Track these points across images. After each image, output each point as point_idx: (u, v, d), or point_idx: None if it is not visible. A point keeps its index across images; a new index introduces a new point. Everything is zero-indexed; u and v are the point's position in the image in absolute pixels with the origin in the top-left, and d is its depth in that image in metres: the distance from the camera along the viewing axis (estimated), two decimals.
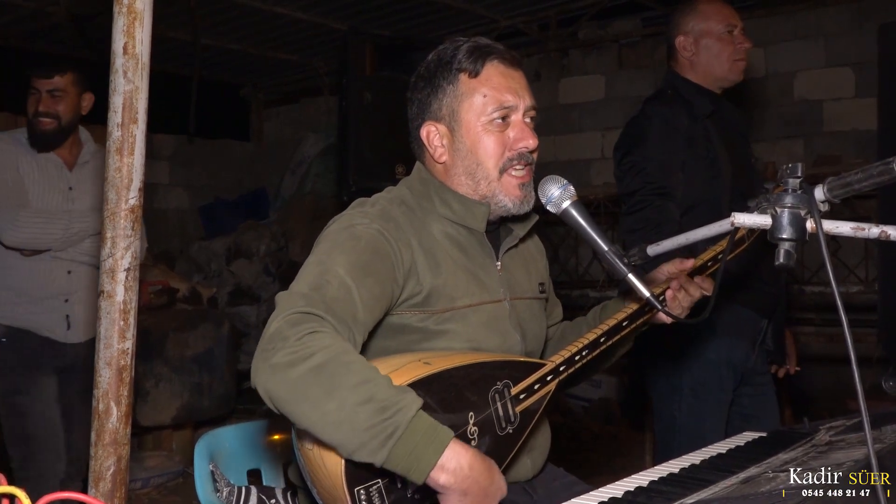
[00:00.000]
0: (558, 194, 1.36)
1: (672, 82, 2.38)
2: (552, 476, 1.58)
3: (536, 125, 1.49)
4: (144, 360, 4.24)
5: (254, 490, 1.53)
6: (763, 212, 1.23)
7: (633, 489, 1.23)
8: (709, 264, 1.65)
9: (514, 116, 1.45)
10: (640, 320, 1.54)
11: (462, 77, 1.45)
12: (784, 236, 1.18)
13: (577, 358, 1.43)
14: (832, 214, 1.26)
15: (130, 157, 1.55)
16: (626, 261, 1.37)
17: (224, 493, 1.50)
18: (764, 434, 1.62)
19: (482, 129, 1.44)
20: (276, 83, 7.51)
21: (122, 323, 1.56)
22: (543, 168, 1.47)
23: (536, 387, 1.37)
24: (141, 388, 4.22)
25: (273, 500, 1.53)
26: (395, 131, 1.62)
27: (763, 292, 2.32)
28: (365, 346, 1.33)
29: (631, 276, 1.35)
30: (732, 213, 1.25)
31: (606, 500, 1.19)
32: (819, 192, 1.24)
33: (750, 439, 1.57)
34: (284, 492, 1.55)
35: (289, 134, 7.53)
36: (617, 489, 1.24)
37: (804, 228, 1.18)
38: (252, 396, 5.43)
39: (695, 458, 1.43)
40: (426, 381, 1.23)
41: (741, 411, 2.35)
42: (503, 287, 1.51)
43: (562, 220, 1.37)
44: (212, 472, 1.52)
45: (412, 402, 1.15)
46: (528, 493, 1.50)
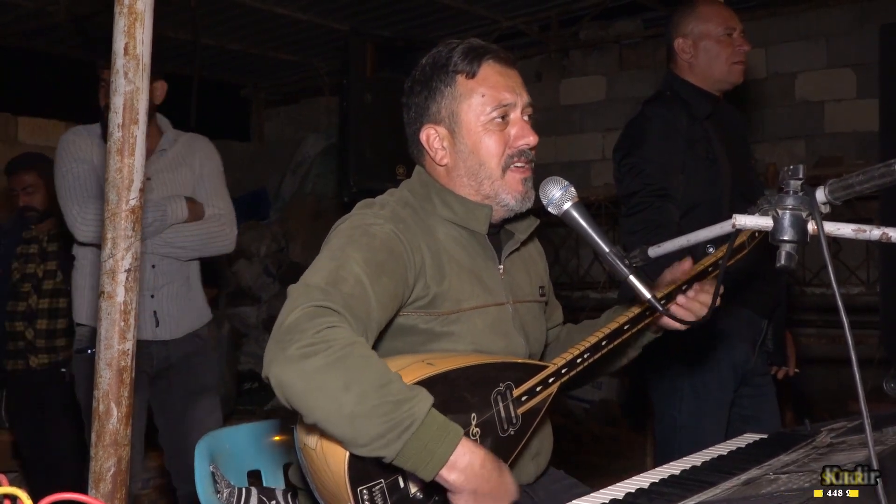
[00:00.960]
0: (559, 195, 1.36)
1: (671, 84, 2.38)
2: (553, 478, 1.58)
3: (537, 125, 1.49)
4: None
5: (254, 491, 1.53)
6: (764, 213, 1.23)
7: (633, 491, 1.22)
8: (710, 269, 1.64)
9: (514, 114, 1.46)
10: (642, 323, 1.54)
11: (459, 78, 1.45)
12: (785, 238, 1.18)
13: (579, 361, 1.43)
14: (833, 216, 1.25)
15: (131, 158, 1.56)
16: (627, 262, 1.36)
17: (224, 494, 1.50)
18: (765, 435, 1.62)
19: (482, 128, 1.44)
20: (276, 83, 7.52)
21: (122, 324, 1.56)
22: (544, 169, 1.47)
23: (538, 389, 1.37)
24: None
25: (273, 502, 1.53)
26: (396, 132, 1.62)
27: (764, 293, 2.32)
28: (373, 345, 1.33)
29: (632, 278, 1.35)
30: (734, 215, 1.25)
31: (607, 501, 1.18)
32: (820, 194, 1.23)
33: (751, 441, 1.57)
34: (285, 493, 1.55)
35: (289, 134, 7.53)
36: (618, 491, 1.23)
37: (805, 230, 1.18)
38: (253, 397, 5.44)
39: (696, 459, 1.43)
40: (429, 382, 1.23)
41: (741, 413, 2.34)
42: (506, 290, 1.51)
43: (563, 221, 1.37)
44: (212, 473, 1.52)
45: (426, 398, 1.16)
46: (528, 496, 1.50)
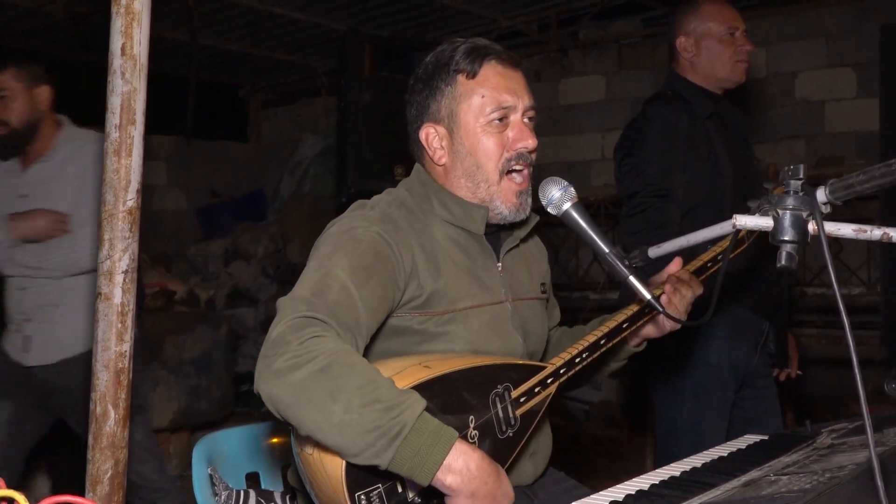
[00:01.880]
0: (559, 196, 1.36)
1: (673, 83, 2.37)
2: (552, 480, 1.58)
3: (536, 126, 1.49)
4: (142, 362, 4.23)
5: (252, 493, 1.53)
6: (765, 213, 1.22)
7: (633, 492, 1.22)
8: (709, 265, 1.64)
9: (513, 117, 1.45)
10: (640, 322, 1.54)
11: (460, 78, 1.44)
12: (786, 238, 1.17)
13: (578, 360, 1.42)
14: (834, 216, 1.25)
15: (128, 159, 1.54)
16: (627, 263, 1.36)
17: (222, 497, 1.49)
18: (765, 437, 1.61)
19: (481, 130, 1.43)
20: (274, 83, 7.50)
21: (119, 325, 1.55)
22: (543, 169, 1.46)
23: (537, 390, 1.36)
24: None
25: None
26: (394, 132, 1.62)
27: (765, 294, 2.31)
28: (366, 348, 1.32)
29: (632, 278, 1.35)
30: (734, 216, 1.24)
31: (607, 503, 1.18)
32: (821, 194, 1.23)
33: (751, 442, 1.57)
34: (283, 495, 1.54)
35: (287, 135, 7.52)
36: (618, 492, 1.23)
37: (806, 230, 1.18)
38: (250, 399, 5.42)
39: (696, 461, 1.42)
40: (427, 385, 1.23)
41: (743, 414, 2.34)
42: (504, 288, 1.50)
43: (562, 221, 1.37)
44: (210, 475, 1.51)
45: (417, 403, 1.15)
46: (528, 497, 1.49)
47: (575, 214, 1.35)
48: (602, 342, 1.46)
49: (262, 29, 5.93)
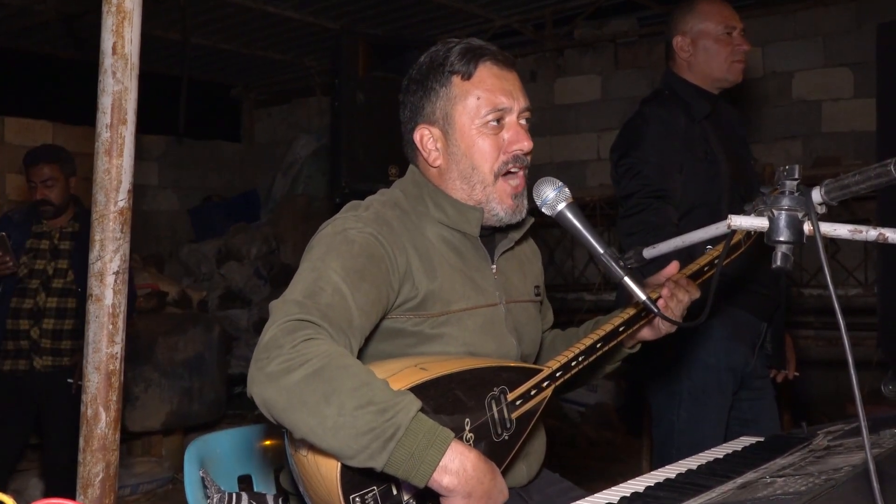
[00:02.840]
0: (553, 196, 1.35)
1: (670, 83, 2.36)
2: (547, 482, 1.57)
3: (531, 126, 1.48)
4: (134, 364, 4.21)
5: (245, 496, 1.52)
6: (760, 214, 1.22)
7: (629, 495, 1.21)
8: (705, 269, 1.63)
9: (509, 118, 1.44)
10: (637, 325, 1.53)
11: (455, 79, 1.43)
12: (781, 239, 1.17)
13: (574, 363, 1.41)
14: (830, 216, 1.25)
15: (119, 159, 1.53)
16: (622, 264, 1.35)
17: (214, 500, 1.48)
18: (761, 439, 1.61)
19: (476, 131, 1.42)
20: (267, 83, 7.48)
21: (110, 327, 1.54)
22: (538, 169, 1.45)
23: (533, 392, 1.35)
24: (130, 393, 4.19)
25: None
26: (388, 132, 1.61)
27: (762, 296, 2.31)
28: (360, 350, 1.31)
29: (627, 279, 1.34)
30: (729, 216, 1.24)
31: None
32: (816, 195, 1.23)
33: (747, 444, 1.57)
34: (276, 498, 1.53)
35: (280, 135, 7.50)
36: (613, 495, 1.23)
37: (801, 231, 1.17)
38: (243, 401, 5.40)
39: (692, 463, 1.42)
40: (422, 387, 1.22)
41: (740, 416, 2.33)
42: (499, 290, 1.49)
43: (557, 222, 1.36)
44: (202, 478, 1.50)
45: (411, 404, 1.14)
46: (522, 499, 1.49)
47: (569, 215, 1.34)
48: (598, 345, 1.45)
49: (255, 28, 5.92)
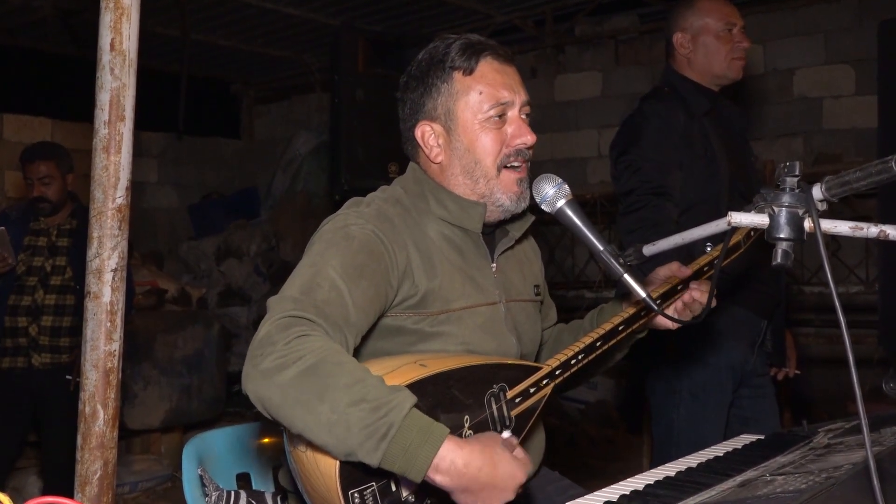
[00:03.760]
0: (553, 193, 1.34)
1: (670, 79, 2.36)
2: (547, 479, 1.57)
3: (531, 122, 1.47)
4: (132, 362, 4.21)
5: (243, 494, 1.51)
6: (760, 211, 1.21)
7: (628, 493, 1.22)
8: (705, 269, 1.63)
9: (511, 112, 1.44)
10: (637, 324, 1.52)
11: (456, 75, 1.43)
12: (781, 236, 1.16)
13: (573, 362, 1.41)
14: (831, 213, 1.24)
15: (118, 156, 1.53)
16: (622, 261, 1.35)
17: (213, 498, 1.48)
18: (762, 437, 1.61)
19: (479, 126, 1.42)
20: (266, 80, 7.47)
21: (108, 324, 1.53)
22: (539, 166, 1.45)
23: (532, 390, 1.35)
24: (128, 391, 4.18)
25: None
26: (388, 129, 1.60)
27: (762, 293, 2.30)
28: (359, 347, 1.31)
29: (627, 277, 1.34)
30: (729, 213, 1.23)
31: (601, 503, 1.17)
32: (817, 191, 1.22)
33: (747, 442, 1.56)
34: (274, 496, 1.53)
35: (280, 131, 7.49)
36: (613, 493, 1.23)
37: (802, 228, 1.17)
38: (242, 399, 5.40)
39: (692, 461, 1.42)
40: (422, 384, 1.22)
41: (740, 414, 2.32)
42: (498, 289, 1.49)
43: (557, 219, 1.35)
44: (200, 476, 1.50)
45: (405, 400, 1.13)
46: (522, 497, 1.48)
47: (569, 212, 1.34)
48: (598, 344, 1.45)
49: (255, 24, 5.91)
